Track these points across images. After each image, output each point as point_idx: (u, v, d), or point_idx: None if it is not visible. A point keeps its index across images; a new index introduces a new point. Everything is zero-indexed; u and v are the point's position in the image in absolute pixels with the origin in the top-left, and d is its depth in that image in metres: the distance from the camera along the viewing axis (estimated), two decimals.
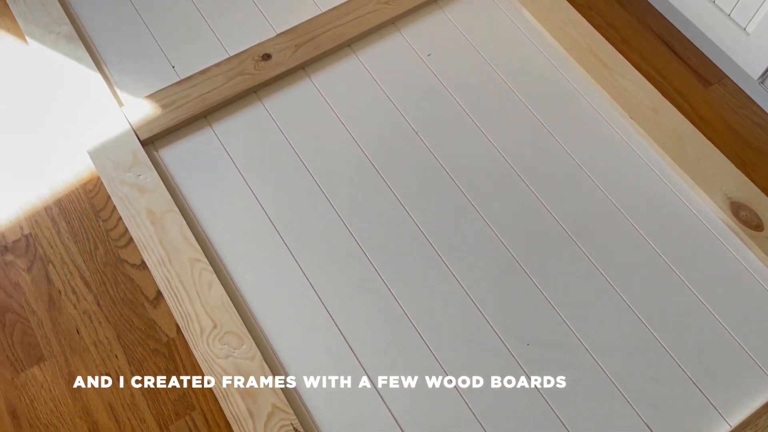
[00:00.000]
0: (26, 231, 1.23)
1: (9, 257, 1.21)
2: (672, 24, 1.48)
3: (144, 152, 1.29)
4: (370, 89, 1.41)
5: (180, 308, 1.15)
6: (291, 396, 1.10)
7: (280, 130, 1.35)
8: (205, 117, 1.36)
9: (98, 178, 1.29)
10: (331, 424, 1.08)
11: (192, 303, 1.15)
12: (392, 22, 1.48)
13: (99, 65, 1.40)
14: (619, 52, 1.43)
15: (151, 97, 1.35)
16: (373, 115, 1.38)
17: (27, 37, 1.41)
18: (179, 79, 1.39)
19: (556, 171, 1.32)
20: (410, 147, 1.34)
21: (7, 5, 1.47)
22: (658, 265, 1.23)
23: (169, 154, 1.32)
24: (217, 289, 1.17)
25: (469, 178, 1.31)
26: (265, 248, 1.23)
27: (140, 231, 1.21)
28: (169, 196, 1.24)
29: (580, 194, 1.30)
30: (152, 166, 1.28)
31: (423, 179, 1.31)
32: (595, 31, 1.45)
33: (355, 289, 1.19)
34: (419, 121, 1.37)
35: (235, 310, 1.15)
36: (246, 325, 1.14)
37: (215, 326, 1.14)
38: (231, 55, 1.42)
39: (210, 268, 1.18)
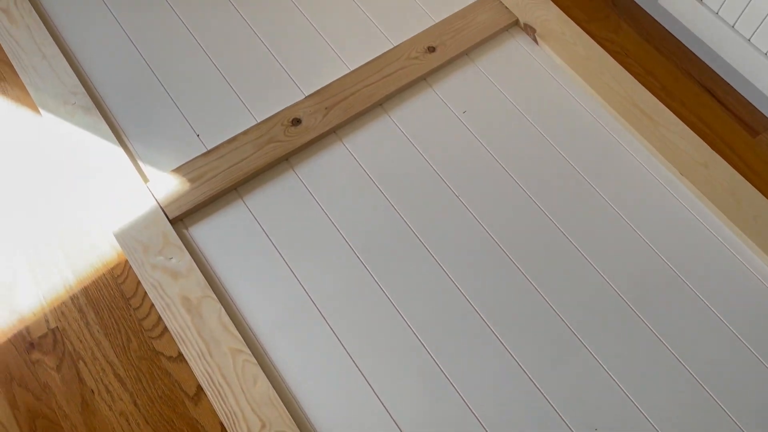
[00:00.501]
0: (52, 324, 1.15)
1: (36, 355, 1.13)
2: (713, 70, 1.43)
3: (174, 232, 1.21)
4: (406, 150, 1.34)
5: (224, 406, 1.08)
6: None
7: (314, 198, 1.29)
8: (235, 189, 1.29)
9: (126, 261, 1.21)
10: None
11: (237, 400, 1.08)
12: (423, 78, 1.42)
13: (120, 137, 1.32)
14: (660, 101, 1.38)
15: (177, 170, 1.28)
16: (410, 178, 1.31)
17: (40, 109, 1.33)
18: (206, 150, 1.31)
19: (606, 232, 1.26)
20: (452, 211, 1.28)
21: (16, 74, 1.39)
22: (723, 333, 1.17)
23: (200, 232, 1.24)
24: (263, 383, 1.09)
25: (516, 243, 1.25)
26: (308, 333, 1.15)
27: (176, 321, 1.14)
28: (204, 281, 1.17)
29: (633, 257, 1.24)
30: (184, 248, 1.20)
31: (469, 247, 1.24)
32: (635, 80, 1.39)
33: (412, 379, 1.12)
34: (459, 183, 1.31)
35: (283, 407, 1.07)
36: (297, 423, 1.07)
37: (263, 425, 1.06)
38: (259, 121, 1.35)
39: (254, 359, 1.11)
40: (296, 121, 1.34)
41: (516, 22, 1.48)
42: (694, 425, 1.09)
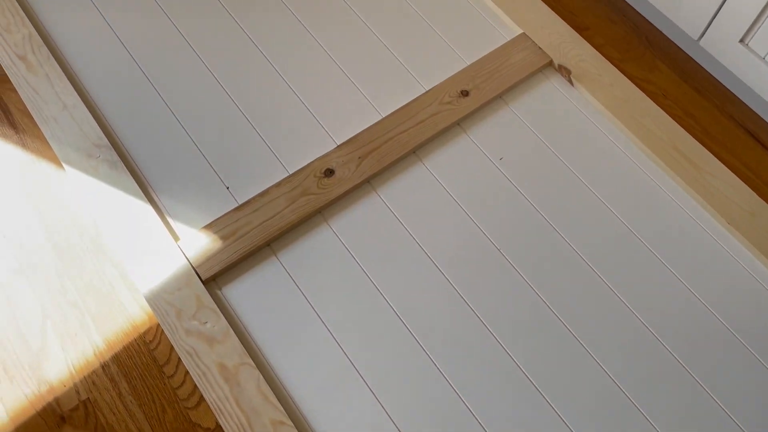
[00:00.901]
0: (83, 396, 1.10)
1: (67, 430, 1.08)
2: (755, 112, 1.39)
3: (208, 294, 1.16)
4: (442, 199, 1.30)
5: None
6: None
7: (350, 253, 1.24)
8: (269, 245, 1.24)
9: (158, 324, 1.17)
10: None
11: None
12: (457, 124, 1.38)
13: (147, 193, 1.28)
14: (702, 145, 1.34)
15: (208, 227, 1.23)
16: (447, 229, 1.27)
17: (63, 164, 1.28)
18: (237, 204, 1.27)
19: (654, 286, 1.22)
20: (493, 264, 1.23)
21: (36, 125, 1.34)
22: None
23: (234, 292, 1.19)
24: None
25: (560, 298, 1.20)
26: (352, 401, 1.11)
27: (213, 391, 1.09)
28: (241, 346, 1.12)
29: (686, 312, 1.20)
30: (218, 311, 1.15)
31: (513, 304, 1.20)
32: (675, 123, 1.36)
33: None
34: (498, 234, 1.26)
35: None
36: None
37: None
38: (290, 172, 1.31)
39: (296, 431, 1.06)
40: (329, 172, 1.30)
41: (550, 63, 1.45)
42: None
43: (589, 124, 1.39)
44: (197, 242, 1.22)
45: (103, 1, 1.48)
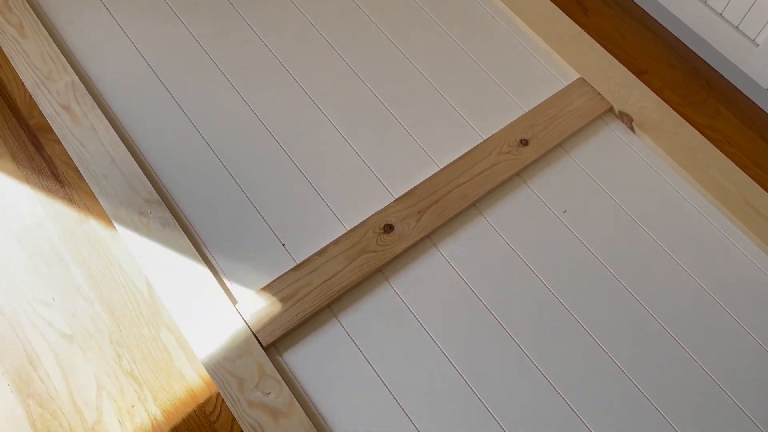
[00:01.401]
0: None
1: None
2: None
3: (270, 362, 1.11)
4: (505, 255, 1.25)
5: None
6: None
7: (412, 314, 1.19)
8: (329, 307, 1.19)
9: (218, 393, 1.11)
10: None
11: None
12: (517, 174, 1.33)
13: (202, 252, 1.23)
14: None
15: (267, 288, 1.18)
16: (512, 286, 1.22)
17: (114, 222, 1.23)
18: (295, 264, 1.22)
19: (727, 345, 1.17)
20: (560, 323, 1.19)
21: (81, 178, 1.29)
22: None
23: (296, 358, 1.14)
24: None
25: (634, 361, 1.16)
26: None
27: None
28: (307, 420, 1.07)
29: (760, 369, 1.15)
30: (281, 380, 1.10)
31: (584, 366, 1.15)
32: (744, 174, 1.31)
33: None
34: (564, 290, 1.22)
35: None
36: None
37: None
38: (348, 228, 1.26)
39: None
40: (388, 228, 1.25)
41: (610, 109, 1.40)
42: None
43: (653, 174, 1.35)
44: (256, 305, 1.17)
45: (147, 49, 1.44)
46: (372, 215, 1.26)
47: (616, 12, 1.54)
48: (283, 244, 1.24)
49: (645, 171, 1.35)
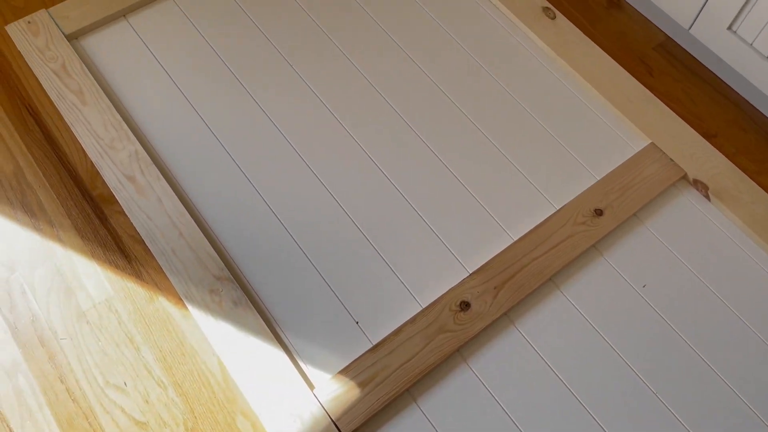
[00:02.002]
0: None
1: None
2: None
3: None
4: (584, 332, 1.21)
5: None
6: None
7: (492, 396, 1.15)
8: (408, 391, 1.15)
9: None
10: None
11: None
12: (593, 246, 1.30)
13: (275, 332, 1.19)
14: None
15: (344, 372, 1.15)
16: (593, 365, 1.18)
17: (185, 301, 1.20)
18: (371, 345, 1.18)
19: None
20: (642, 404, 1.15)
21: (150, 253, 1.26)
22: None
23: None
24: None
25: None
26: None
27: None
28: None
29: None
30: None
31: None
32: None
33: None
34: (646, 368, 1.18)
35: None
36: None
37: None
38: (423, 305, 1.22)
39: None
40: (465, 305, 1.21)
41: (684, 177, 1.37)
42: None
43: (731, 245, 1.31)
44: (334, 390, 1.13)
45: (211, 117, 1.41)
46: (447, 291, 1.23)
47: (681, 72, 1.51)
48: (357, 322, 1.21)
49: (723, 241, 1.31)
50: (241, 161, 1.36)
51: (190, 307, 1.20)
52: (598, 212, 1.31)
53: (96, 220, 1.30)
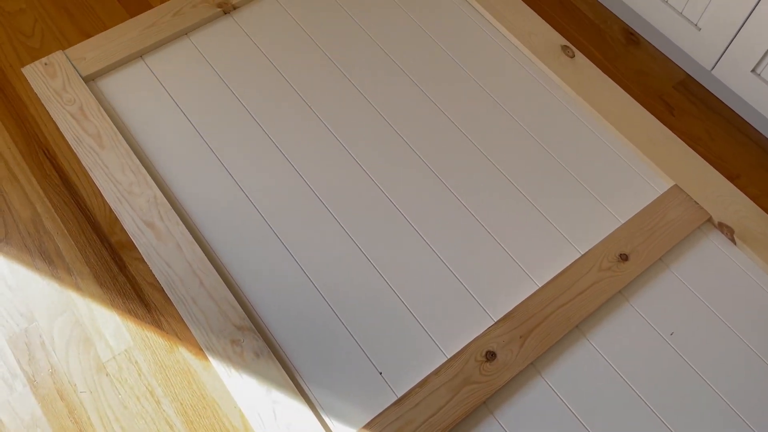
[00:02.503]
0: None
1: None
2: None
3: None
4: (612, 382, 1.19)
5: None
6: None
7: None
8: None
9: None
10: None
11: None
12: (619, 292, 1.28)
13: (298, 385, 1.17)
14: None
15: (369, 426, 1.12)
16: (621, 415, 1.16)
17: (206, 352, 1.18)
18: (396, 398, 1.16)
19: None
20: None
21: (169, 301, 1.25)
22: None
23: None
24: None
25: None
26: None
27: None
28: None
29: None
30: None
31: None
32: None
33: None
34: (675, 420, 1.15)
35: None
36: None
37: None
38: (447, 355, 1.20)
39: None
40: (491, 355, 1.19)
41: (709, 220, 1.35)
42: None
43: (758, 290, 1.29)
44: None
45: (232, 162, 1.40)
46: (472, 341, 1.21)
47: (703, 111, 1.50)
48: (380, 373, 1.19)
49: (750, 286, 1.29)
50: (261, 207, 1.34)
51: (210, 358, 1.18)
52: (624, 257, 1.30)
53: (115, 268, 1.28)
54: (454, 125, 1.46)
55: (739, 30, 1.33)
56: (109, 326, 1.22)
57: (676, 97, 1.52)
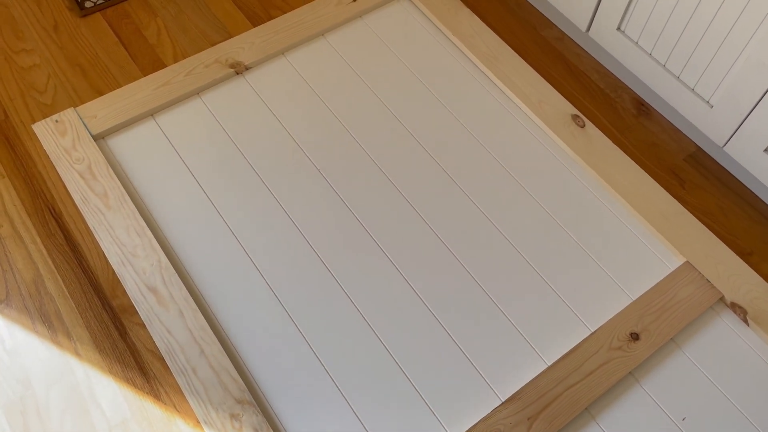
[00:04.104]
0: None
1: None
2: None
3: None
4: None
5: None
6: None
7: None
8: None
9: None
10: None
11: None
12: (630, 374, 1.25)
13: None
14: None
15: None
16: None
17: (203, 426, 1.15)
18: None
19: None
20: None
21: (169, 371, 1.22)
22: None
23: None
24: None
25: None
26: None
27: None
28: None
29: None
30: None
31: None
32: None
33: None
34: None
35: None
36: None
37: None
38: None
39: None
40: None
41: (721, 299, 1.33)
42: None
43: None
44: None
45: (238, 225, 1.38)
46: (479, 421, 1.17)
47: (714, 185, 1.49)
48: None
49: (763, 370, 1.26)
50: (268, 276, 1.32)
51: None
52: (634, 336, 1.27)
53: (115, 333, 1.26)
54: (462, 192, 1.45)
55: (752, 110, 1.33)
56: (107, 395, 1.19)
57: (687, 170, 1.51)
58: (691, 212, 1.44)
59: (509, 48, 1.66)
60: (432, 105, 1.58)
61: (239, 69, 1.61)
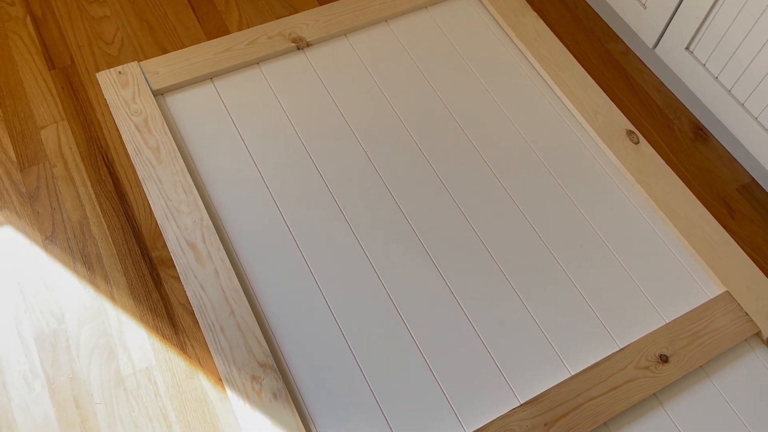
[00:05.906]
0: None
1: None
2: None
3: None
4: None
5: None
6: None
7: None
8: None
9: None
10: None
11: None
12: (654, 395, 1.23)
13: None
14: None
15: None
16: None
17: (225, 384, 1.17)
18: None
19: None
20: None
21: (198, 327, 1.24)
22: None
23: None
24: None
25: None
26: None
27: None
28: None
29: None
30: None
31: None
32: None
33: None
34: None
35: None
36: None
37: None
38: (468, 430, 1.17)
39: None
40: None
41: (758, 334, 1.30)
42: None
43: None
44: None
45: (282, 195, 1.40)
46: (495, 419, 1.17)
47: (765, 219, 1.46)
48: None
49: None
50: (304, 248, 1.34)
51: (229, 391, 1.16)
52: (664, 358, 1.25)
53: (151, 283, 1.29)
54: (505, 192, 1.44)
55: None
56: (135, 341, 1.22)
57: (739, 200, 1.48)
58: (737, 243, 1.42)
59: (571, 56, 1.64)
60: (486, 103, 1.58)
61: (301, 44, 1.63)
